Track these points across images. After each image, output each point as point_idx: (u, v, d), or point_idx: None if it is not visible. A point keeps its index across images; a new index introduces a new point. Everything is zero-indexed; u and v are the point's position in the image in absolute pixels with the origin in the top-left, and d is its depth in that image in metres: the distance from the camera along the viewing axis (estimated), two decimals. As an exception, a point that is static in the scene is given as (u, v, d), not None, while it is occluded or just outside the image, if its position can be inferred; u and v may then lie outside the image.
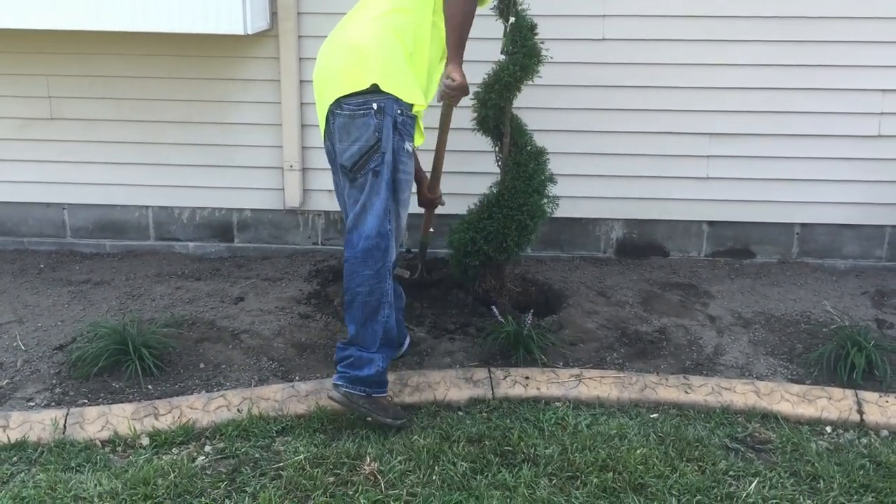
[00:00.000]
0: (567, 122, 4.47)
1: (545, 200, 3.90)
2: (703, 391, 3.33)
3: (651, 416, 3.24)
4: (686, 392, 3.33)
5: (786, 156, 4.46)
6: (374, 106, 2.91)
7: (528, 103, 3.96)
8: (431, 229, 3.91)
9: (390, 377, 3.31)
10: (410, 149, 3.04)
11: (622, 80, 4.40)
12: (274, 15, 4.33)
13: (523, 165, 3.85)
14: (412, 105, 3.00)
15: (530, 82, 3.69)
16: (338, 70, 3.01)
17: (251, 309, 4.03)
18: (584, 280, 4.43)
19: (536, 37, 3.66)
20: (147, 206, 4.75)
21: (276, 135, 4.55)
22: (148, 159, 4.64)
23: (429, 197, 3.76)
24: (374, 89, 2.91)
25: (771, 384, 3.36)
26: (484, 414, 3.22)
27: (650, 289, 4.31)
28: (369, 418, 3.06)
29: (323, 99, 3.06)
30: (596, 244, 4.71)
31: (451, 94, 3.09)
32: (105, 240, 4.81)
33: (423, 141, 3.17)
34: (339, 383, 3.03)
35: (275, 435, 3.07)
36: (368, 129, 2.91)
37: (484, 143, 3.90)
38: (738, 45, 4.32)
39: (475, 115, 3.77)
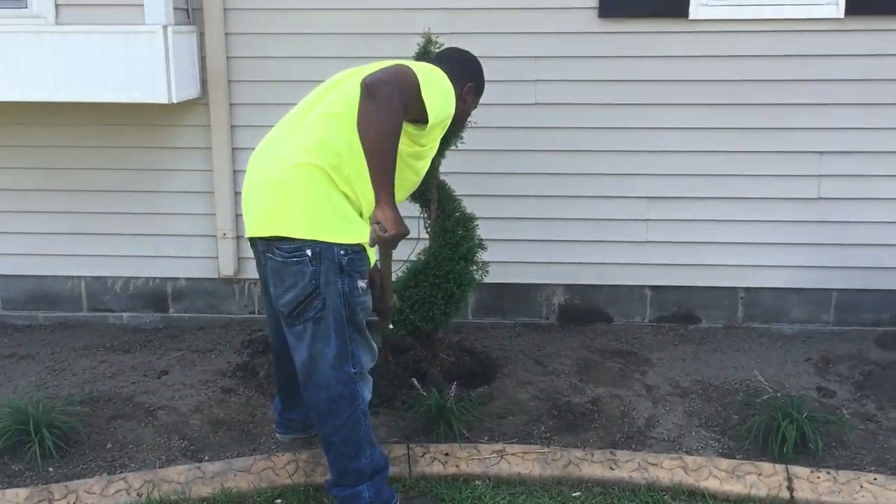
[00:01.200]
0: (502, 186, 4.40)
1: (474, 267, 3.81)
2: (628, 467, 3.19)
3: (573, 494, 3.10)
4: (611, 468, 3.19)
5: (726, 219, 4.39)
6: (309, 253, 2.57)
7: (460, 168, 3.89)
8: (391, 326, 3.37)
9: (303, 455, 3.18)
10: (365, 285, 2.71)
11: (556, 145, 4.35)
12: (204, 83, 4.30)
13: (450, 232, 3.76)
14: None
15: (454, 148, 3.62)
16: (264, 209, 2.66)
17: (174, 383, 3.89)
18: (524, 348, 4.32)
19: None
20: (80, 277, 4.64)
21: (208, 202, 4.47)
22: (79, 228, 4.55)
23: (379, 307, 3.06)
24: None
25: (700, 459, 3.22)
26: (399, 494, 3.07)
27: (589, 356, 4.20)
28: None
29: (250, 226, 2.73)
30: (538, 310, 4.61)
31: (386, 241, 2.52)
32: (38, 311, 4.70)
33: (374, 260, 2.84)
34: None
35: (173, 521, 2.92)
36: (304, 278, 2.59)
37: (413, 207, 3.82)
38: (675, 108, 4.29)
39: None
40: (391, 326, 3.31)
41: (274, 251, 2.63)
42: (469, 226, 3.82)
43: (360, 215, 2.70)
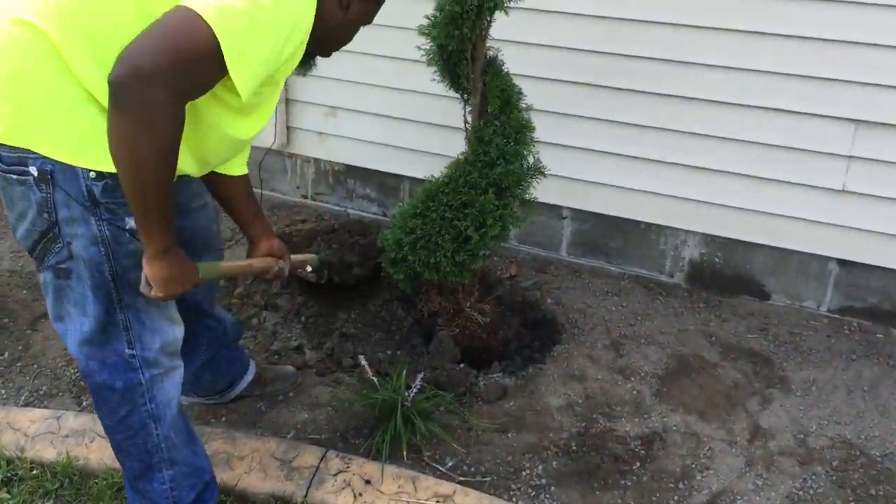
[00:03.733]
0: (615, 75, 2.94)
1: (513, 203, 2.54)
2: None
3: None
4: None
5: None
6: (34, 171, 1.58)
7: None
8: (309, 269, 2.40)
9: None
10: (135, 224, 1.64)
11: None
12: None
13: (486, 143, 2.50)
14: None
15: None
16: None
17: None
18: (615, 314, 2.99)
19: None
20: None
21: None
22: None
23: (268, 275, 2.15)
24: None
25: None
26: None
27: (698, 351, 2.78)
28: None
29: None
30: (659, 262, 3.19)
31: (157, 299, 1.69)
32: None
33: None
34: None
35: None
36: (31, 207, 1.63)
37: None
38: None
39: (428, 46, 2.46)
40: (309, 270, 2.37)
41: None
42: (520, 137, 2.52)
43: None
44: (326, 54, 1.91)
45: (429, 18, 2.43)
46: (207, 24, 1.43)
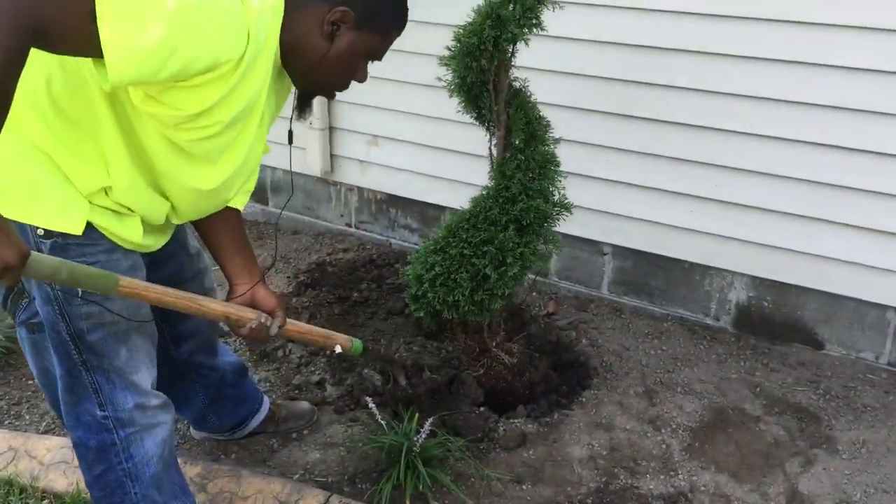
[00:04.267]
0: (657, 104, 2.81)
1: (536, 241, 2.43)
2: None
3: None
4: None
5: None
6: None
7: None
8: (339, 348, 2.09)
9: (194, 470, 2.26)
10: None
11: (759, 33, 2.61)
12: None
13: (508, 178, 2.40)
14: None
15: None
16: None
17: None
18: (652, 358, 2.83)
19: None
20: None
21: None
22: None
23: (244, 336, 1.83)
24: None
25: None
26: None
27: (744, 403, 2.60)
28: None
29: None
30: (704, 304, 3.01)
31: None
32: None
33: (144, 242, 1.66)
34: None
35: None
36: None
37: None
38: None
39: (450, 77, 2.39)
40: (338, 350, 2.07)
41: None
42: (545, 171, 2.42)
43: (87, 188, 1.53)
44: (327, 94, 1.75)
45: (449, 49, 2.36)
46: None
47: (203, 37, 1.30)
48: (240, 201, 1.82)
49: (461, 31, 2.32)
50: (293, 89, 1.70)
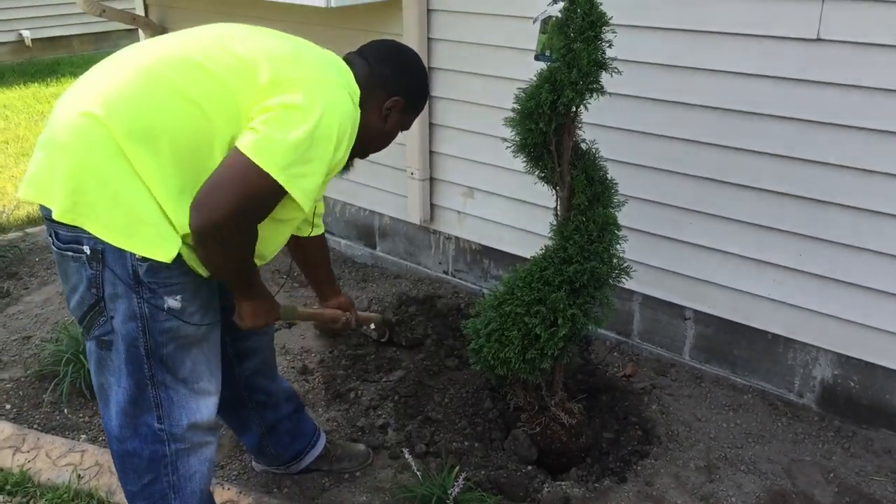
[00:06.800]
0: (741, 169, 2.72)
1: (591, 304, 2.42)
2: None
3: None
4: None
5: None
6: (87, 250, 1.77)
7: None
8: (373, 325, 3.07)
9: (245, 501, 2.42)
10: (177, 304, 1.83)
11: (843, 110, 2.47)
12: (398, -15, 3.41)
13: (566, 239, 2.42)
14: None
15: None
16: (42, 163, 1.80)
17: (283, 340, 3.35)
18: (720, 432, 2.72)
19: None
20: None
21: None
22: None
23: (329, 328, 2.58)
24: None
25: None
26: None
27: (812, 489, 2.45)
28: None
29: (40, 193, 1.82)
30: (788, 378, 2.85)
31: (248, 329, 2.06)
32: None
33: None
34: None
35: None
36: (82, 282, 1.82)
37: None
38: None
39: (515, 137, 2.46)
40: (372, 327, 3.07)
41: (55, 234, 1.83)
42: (606, 234, 2.41)
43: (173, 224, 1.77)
44: (363, 156, 2.11)
45: (512, 111, 2.42)
46: (261, 168, 1.67)
47: (335, 155, 1.80)
48: (320, 228, 2.37)
49: (522, 93, 2.38)
50: None
